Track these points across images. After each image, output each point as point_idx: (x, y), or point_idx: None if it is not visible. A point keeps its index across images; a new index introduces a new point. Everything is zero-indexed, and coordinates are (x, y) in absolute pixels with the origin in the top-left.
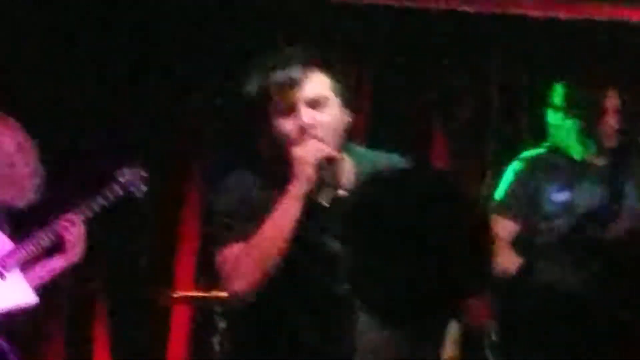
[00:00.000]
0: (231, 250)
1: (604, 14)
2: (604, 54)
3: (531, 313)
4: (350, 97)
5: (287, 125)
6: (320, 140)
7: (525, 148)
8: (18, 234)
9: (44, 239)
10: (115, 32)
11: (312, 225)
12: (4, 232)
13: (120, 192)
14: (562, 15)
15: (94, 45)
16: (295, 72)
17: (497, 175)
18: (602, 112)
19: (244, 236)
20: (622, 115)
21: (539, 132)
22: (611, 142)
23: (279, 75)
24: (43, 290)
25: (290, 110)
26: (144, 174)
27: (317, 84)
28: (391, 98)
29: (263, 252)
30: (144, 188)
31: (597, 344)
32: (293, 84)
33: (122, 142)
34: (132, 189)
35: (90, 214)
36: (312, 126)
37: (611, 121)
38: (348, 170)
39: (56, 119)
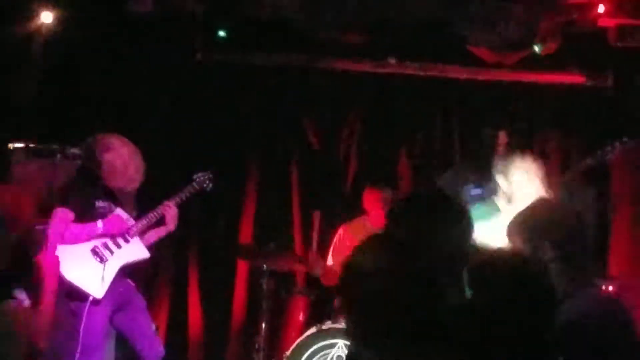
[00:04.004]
0: None
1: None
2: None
3: None
4: None
5: None
6: None
7: None
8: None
9: (153, 216)
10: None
11: None
12: (129, 208)
13: (197, 188)
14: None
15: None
16: None
17: None
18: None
19: None
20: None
21: None
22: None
23: None
24: (157, 253)
25: None
26: (211, 175)
27: None
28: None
29: None
30: (211, 185)
31: None
32: None
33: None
34: (204, 185)
35: (179, 202)
36: None
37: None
38: None
39: (164, 143)
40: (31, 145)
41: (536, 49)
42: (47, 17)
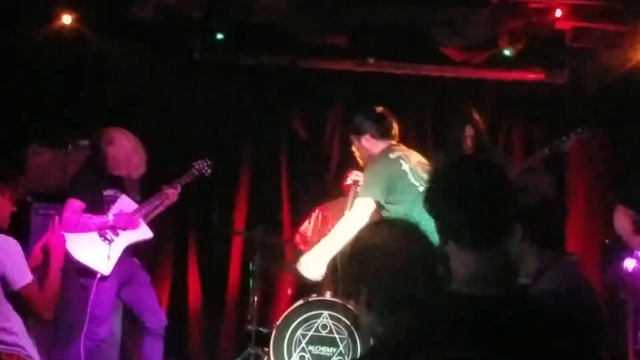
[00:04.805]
0: None
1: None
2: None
3: None
4: None
5: None
6: None
7: None
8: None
9: (155, 201)
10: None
11: None
12: (133, 194)
13: (197, 174)
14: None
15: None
16: None
17: None
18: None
19: None
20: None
21: None
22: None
23: None
24: (160, 234)
25: None
26: (209, 163)
27: None
28: None
29: None
30: (210, 171)
31: None
32: None
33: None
34: (203, 171)
35: (181, 186)
36: None
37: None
38: None
39: (166, 135)
40: (45, 137)
41: (507, 52)
42: (66, 19)
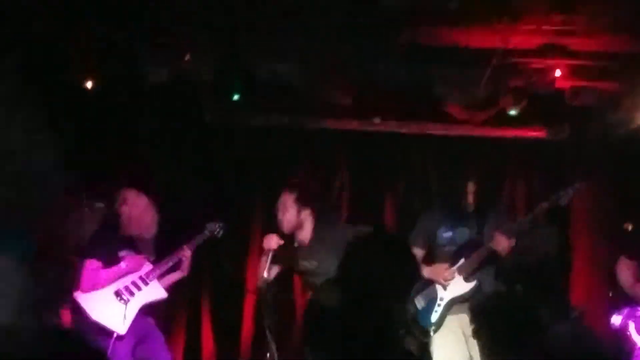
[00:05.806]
0: None
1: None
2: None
3: None
4: None
5: None
6: None
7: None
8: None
9: (170, 261)
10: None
11: None
12: (147, 254)
13: (209, 235)
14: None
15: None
16: None
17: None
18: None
19: None
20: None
21: None
22: (471, 208)
23: None
24: (173, 292)
25: None
26: (221, 224)
27: None
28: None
29: None
30: (222, 233)
31: None
32: None
33: (210, 209)
34: (214, 233)
35: (193, 248)
36: None
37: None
38: None
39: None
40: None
41: (512, 112)
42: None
